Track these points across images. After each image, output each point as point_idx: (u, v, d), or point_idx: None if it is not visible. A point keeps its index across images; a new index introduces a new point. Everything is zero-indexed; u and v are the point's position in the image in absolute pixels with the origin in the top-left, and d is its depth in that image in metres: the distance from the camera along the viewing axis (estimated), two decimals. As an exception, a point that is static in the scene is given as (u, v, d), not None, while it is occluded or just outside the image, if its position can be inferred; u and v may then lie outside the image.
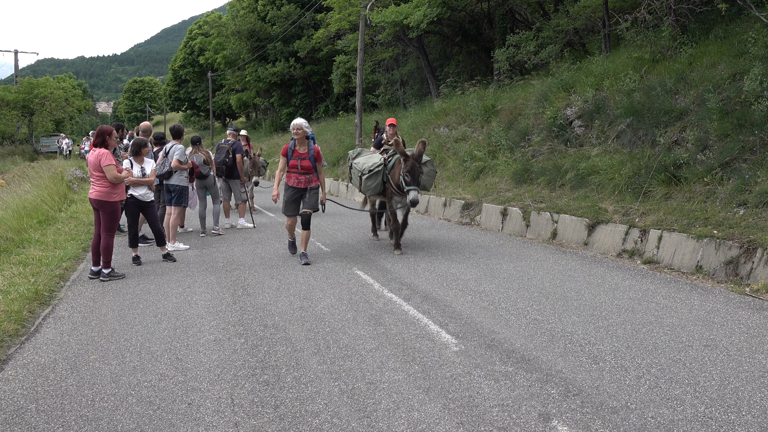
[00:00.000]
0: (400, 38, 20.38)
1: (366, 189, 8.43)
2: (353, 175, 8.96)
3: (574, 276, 6.68)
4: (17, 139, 41.41)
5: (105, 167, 6.77)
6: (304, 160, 7.54)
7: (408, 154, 7.69)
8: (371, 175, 8.28)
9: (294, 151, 7.55)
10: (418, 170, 7.65)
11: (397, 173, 7.98)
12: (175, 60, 62.50)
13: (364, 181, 8.32)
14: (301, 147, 7.57)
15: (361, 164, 8.63)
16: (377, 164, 8.34)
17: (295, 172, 7.56)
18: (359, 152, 9.33)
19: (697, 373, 3.93)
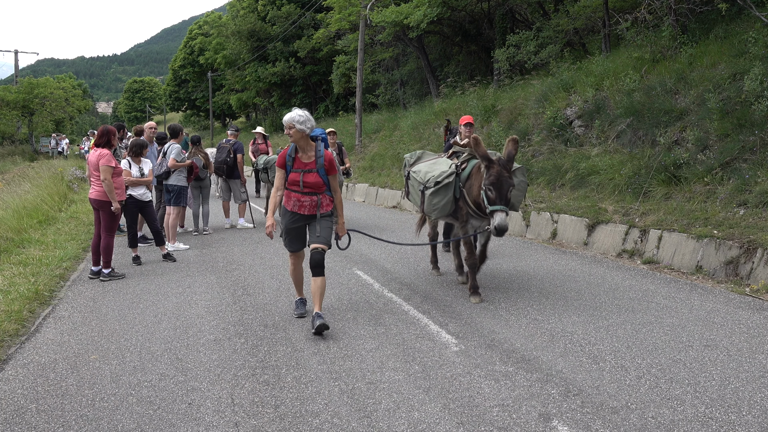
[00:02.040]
0: (400, 38, 20.38)
1: (431, 209, 5.95)
2: (411, 188, 6.63)
3: (574, 276, 6.68)
4: (17, 139, 41.39)
5: (102, 167, 6.77)
6: (309, 173, 4.89)
7: (492, 159, 5.31)
8: (439, 188, 5.83)
9: (295, 160, 4.94)
10: (508, 182, 5.17)
11: (476, 186, 5.56)
12: (175, 60, 62.50)
13: (428, 197, 5.91)
14: (304, 153, 4.92)
15: (423, 173, 6.21)
16: (446, 173, 5.87)
17: (296, 191, 4.94)
18: (419, 156, 6.89)
19: (697, 373, 3.93)
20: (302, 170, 4.89)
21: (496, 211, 5.15)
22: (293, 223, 5.04)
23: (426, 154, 6.94)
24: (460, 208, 5.86)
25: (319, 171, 4.89)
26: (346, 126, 24.19)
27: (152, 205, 8.07)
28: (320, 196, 4.95)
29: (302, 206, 4.95)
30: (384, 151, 17.99)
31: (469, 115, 7.68)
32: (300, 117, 4.78)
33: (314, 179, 4.89)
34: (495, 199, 5.17)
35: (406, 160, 7.01)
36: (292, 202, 4.99)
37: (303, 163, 4.92)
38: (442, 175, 5.91)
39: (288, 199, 5.02)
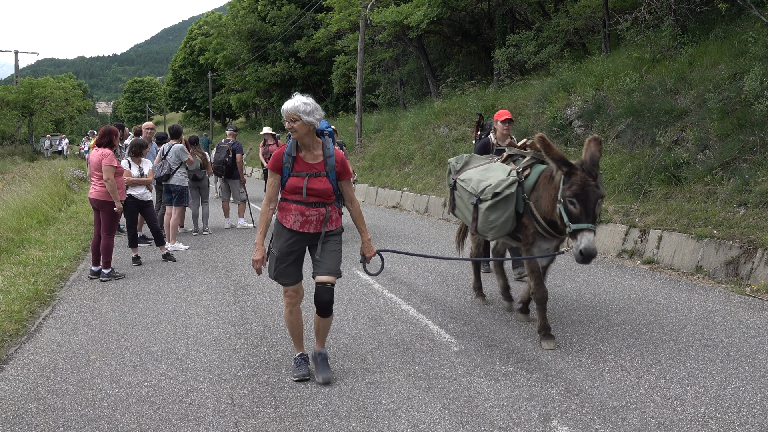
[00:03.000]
0: (400, 38, 20.37)
1: (487, 227, 4.77)
2: (459, 200, 5.29)
3: (574, 276, 6.68)
4: (17, 139, 41.40)
5: (104, 167, 6.76)
6: (316, 177, 3.78)
7: (572, 163, 4.19)
8: (498, 201, 4.66)
9: (296, 161, 3.80)
10: (595, 193, 4.08)
11: (546, 199, 4.44)
12: (175, 60, 62.50)
13: (483, 212, 4.76)
14: (308, 152, 3.81)
15: (475, 182, 4.98)
16: (507, 182, 4.69)
17: (298, 201, 3.79)
18: (467, 161, 5.55)
19: (697, 373, 3.93)
20: (306, 174, 3.73)
21: (580, 230, 4.03)
22: (292, 245, 3.80)
23: (474, 158, 5.58)
24: (525, 226, 4.68)
25: (328, 175, 3.76)
26: (346, 126, 24.19)
27: (152, 205, 8.07)
28: (329, 208, 3.79)
29: (307, 222, 3.75)
30: (384, 151, 18.00)
31: (506, 110, 6.57)
32: (306, 106, 3.61)
33: (323, 185, 3.74)
34: (579, 215, 4.07)
35: (452, 165, 5.58)
36: (292, 217, 3.76)
37: (307, 164, 3.75)
38: (501, 184, 4.68)
39: (285, 213, 3.79)
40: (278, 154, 3.82)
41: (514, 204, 4.66)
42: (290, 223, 3.79)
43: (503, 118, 6.38)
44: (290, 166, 3.77)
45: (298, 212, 3.76)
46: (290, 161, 3.77)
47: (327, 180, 3.78)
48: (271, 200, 3.89)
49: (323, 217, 3.79)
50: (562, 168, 4.17)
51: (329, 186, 3.78)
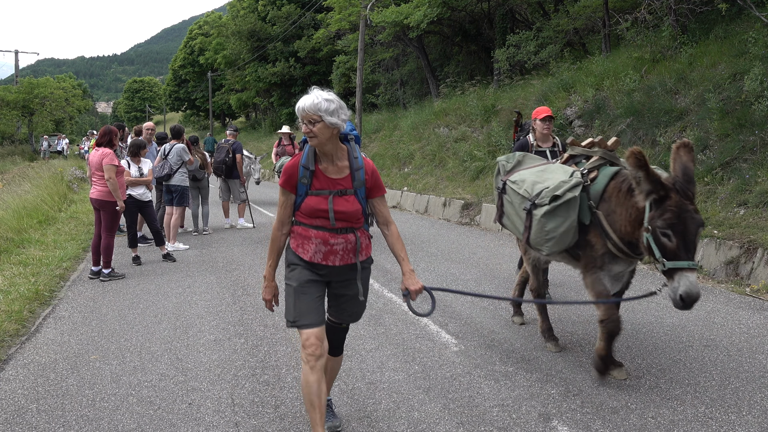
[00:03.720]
0: (400, 38, 20.37)
1: (543, 238, 3.95)
2: (509, 205, 4.48)
3: (573, 276, 6.68)
4: (17, 139, 41.41)
5: (106, 166, 6.77)
6: (342, 196, 2.97)
7: (665, 182, 3.30)
8: (558, 207, 3.84)
9: (315, 176, 2.98)
10: (695, 221, 3.26)
11: (624, 217, 3.59)
12: (175, 60, 62.50)
13: (539, 220, 3.93)
14: (330, 164, 2.98)
15: (528, 184, 4.23)
16: (569, 185, 3.87)
17: (321, 227, 2.97)
18: (519, 160, 4.75)
19: (697, 373, 3.93)
20: (330, 192, 2.90)
21: (678, 268, 3.19)
22: (311, 282, 2.97)
23: (529, 158, 4.77)
24: (590, 245, 3.81)
25: (356, 192, 2.94)
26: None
27: (152, 205, 8.07)
28: (359, 234, 2.97)
29: (332, 253, 2.93)
30: (384, 151, 18.00)
31: (546, 107, 5.88)
32: (329, 103, 2.79)
33: (350, 206, 2.91)
34: (677, 250, 3.20)
35: (501, 165, 4.78)
36: (312, 248, 2.93)
37: (330, 179, 2.92)
38: (561, 186, 3.87)
39: (303, 241, 2.96)
40: (291, 167, 2.93)
41: (576, 211, 3.81)
42: (310, 254, 2.92)
43: (542, 116, 5.65)
44: (308, 182, 2.90)
45: (320, 241, 2.90)
46: (308, 176, 2.89)
47: (355, 199, 2.92)
48: (283, 223, 3.00)
49: (353, 246, 2.95)
50: (659, 192, 3.26)
51: (358, 206, 2.92)
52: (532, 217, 4.04)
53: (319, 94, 2.82)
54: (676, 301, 3.28)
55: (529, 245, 4.19)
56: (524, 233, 4.17)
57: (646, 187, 3.29)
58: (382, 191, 3.05)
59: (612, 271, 3.81)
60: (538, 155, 5.29)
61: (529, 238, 4.10)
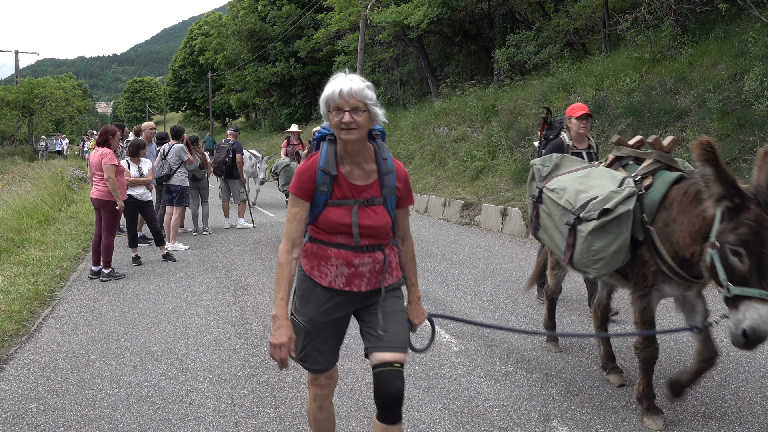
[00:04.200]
0: (400, 38, 20.38)
1: (590, 258, 3.36)
2: (546, 216, 3.86)
3: (573, 276, 6.67)
4: (17, 139, 41.42)
5: (105, 165, 6.77)
6: (370, 207, 2.40)
7: (742, 190, 2.67)
8: (609, 222, 3.26)
9: (336, 182, 2.39)
10: None
11: (686, 227, 3.01)
12: (175, 60, 62.51)
13: (585, 237, 3.34)
14: (355, 167, 2.41)
15: (571, 193, 3.60)
16: (622, 196, 3.28)
17: (342, 245, 2.40)
18: (558, 162, 4.13)
19: (697, 373, 3.93)
20: (355, 201, 2.37)
21: (748, 298, 2.62)
22: (330, 311, 2.46)
23: (567, 161, 4.12)
24: (642, 261, 3.26)
25: (386, 202, 2.41)
26: (346, 126, 24.20)
27: (152, 204, 8.07)
28: (387, 251, 2.46)
29: (357, 276, 2.40)
30: (384, 151, 18.00)
31: (582, 104, 5.25)
32: (372, 91, 2.31)
33: (379, 219, 2.39)
34: (748, 274, 2.63)
35: (536, 169, 4.16)
36: (332, 270, 2.41)
37: (354, 186, 2.38)
38: (612, 197, 3.26)
39: (320, 263, 2.43)
40: (306, 170, 2.37)
41: (630, 227, 3.21)
42: (329, 280, 2.40)
43: (579, 113, 4.98)
44: (328, 189, 2.34)
45: (343, 262, 2.37)
46: (327, 182, 2.34)
47: (384, 210, 2.39)
48: (294, 243, 2.38)
49: (380, 266, 2.42)
50: (734, 199, 2.64)
51: (387, 219, 2.40)
52: (577, 233, 3.38)
53: (357, 78, 2.30)
54: (736, 337, 2.64)
55: (573, 266, 3.53)
56: (566, 252, 3.50)
57: (716, 189, 2.67)
58: (411, 201, 2.53)
59: (663, 292, 3.31)
60: (575, 156, 4.67)
61: (573, 258, 3.44)
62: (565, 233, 3.53)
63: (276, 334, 2.34)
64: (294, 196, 2.38)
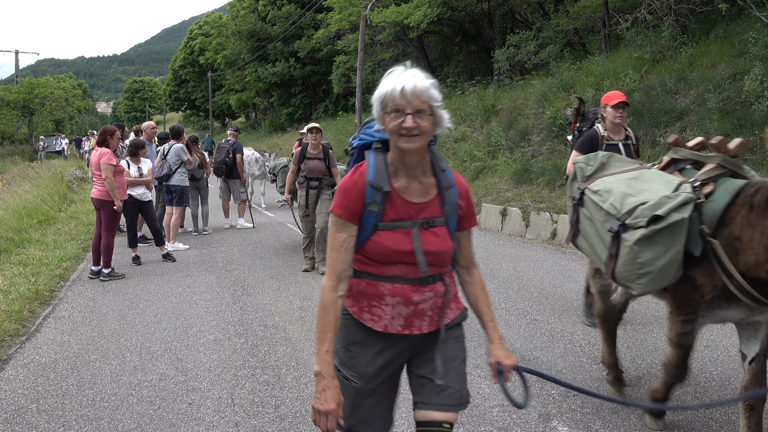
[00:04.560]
0: (400, 38, 20.39)
1: (634, 271, 2.91)
2: (587, 221, 3.40)
3: (573, 276, 6.68)
4: (17, 139, 41.44)
5: (103, 165, 6.78)
6: (430, 229, 1.97)
7: None
8: (660, 230, 2.81)
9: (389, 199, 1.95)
10: None
11: (758, 241, 2.61)
12: (175, 60, 62.53)
13: (630, 247, 2.88)
14: (412, 181, 1.98)
15: (617, 195, 3.14)
16: (676, 201, 2.84)
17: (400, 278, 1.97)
18: (604, 162, 3.61)
19: (697, 373, 3.93)
20: (413, 223, 1.97)
21: None
22: (386, 364, 2.07)
23: (615, 160, 3.60)
24: (695, 282, 2.86)
25: (447, 222, 2.02)
26: (346, 126, 24.21)
27: (152, 204, 8.07)
28: (447, 281, 2.10)
29: (417, 315, 2.01)
30: (384, 151, 18.01)
31: (618, 91, 4.81)
32: (437, 91, 1.96)
33: (442, 243, 2.00)
34: None
35: (579, 167, 3.62)
36: (387, 312, 2.00)
37: (410, 204, 1.98)
38: (665, 203, 2.83)
39: (369, 303, 2.01)
40: (352, 185, 1.94)
41: (684, 238, 2.80)
42: (384, 323, 1.98)
43: (615, 101, 4.54)
44: (379, 209, 1.93)
45: (400, 300, 1.96)
46: (379, 200, 1.92)
47: (446, 232, 2.00)
48: (340, 277, 1.93)
49: (442, 301, 2.04)
50: None
51: (450, 243, 2.02)
52: (621, 242, 2.94)
53: (420, 74, 1.91)
54: None
55: (615, 279, 3.06)
56: (608, 263, 3.06)
57: None
58: (474, 222, 2.12)
59: (721, 316, 2.89)
60: (610, 148, 4.48)
61: (615, 270, 3.00)
62: (608, 241, 3.06)
63: (320, 397, 1.87)
64: (338, 219, 1.94)
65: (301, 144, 11.18)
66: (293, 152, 10.76)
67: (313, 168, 6.93)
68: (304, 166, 6.97)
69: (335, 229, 1.96)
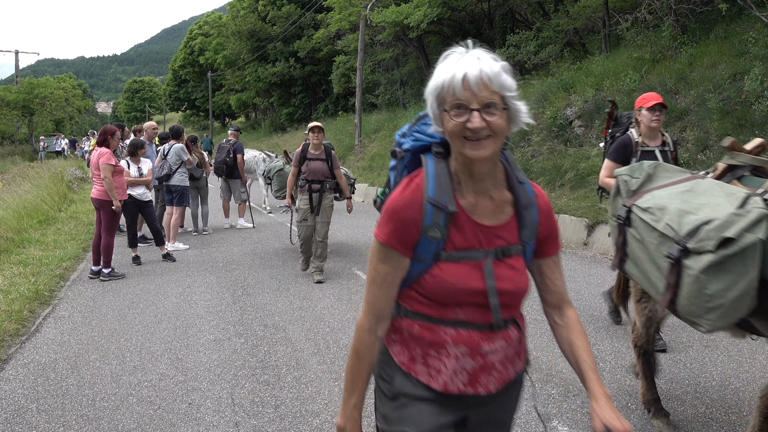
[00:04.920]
0: (400, 38, 20.39)
1: (702, 304, 2.36)
2: (636, 244, 2.83)
3: (574, 276, 6.68)
4: (17, 139, 41.45)
5: (102, 165, 6.79)
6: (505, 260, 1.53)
7: None
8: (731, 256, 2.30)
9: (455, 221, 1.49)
10: None
11: None
12: (175, 60, 62.57)
13: (697, 275, 2.34)
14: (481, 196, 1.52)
15: (674, 213, 2.57)
16: (748, 220, 2.33)
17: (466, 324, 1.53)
18: (651, 172, 3.01)
19: (697, 373, 3.93)
20: (485, 253, 1.52)
21: None
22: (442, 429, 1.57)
23: (662, 170, 3.04)
24: None
25: (525, 249, 1.60)
26: (346, 126, 24.21)
27: (152, 204, 8.08)
28: (521, 325, 1.70)
29: (485, 369, 1.57)
30: (383, 151, 18.00)
31: (655, 93, 4.34)
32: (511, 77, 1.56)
33: (520, 278, 1.58)
34: None
35: (622, 182, 3.07)
36: (449, 366, 1.54)
37: (483, 227, 1.53)
38: (733, 221, 2.37)
39: (425, 353, 1.56)
40: (406, 204, 1.51)
41: (759, 263, 2.36)
42: (443, 379, 1.56)
43: (650, 103, 4.13)
44: (442, 234, 1.50)
45: (466, 350, 1.54)
46: (442, 222, 1.50)
47: (524, 264, 1.62)
48: (380, 317, 1.58)
49: (514, 350, 1.66)
50: None
51: (527, 278, 1.62)
52: (683, 270, 2.44)
53: (486, 55, 1.51)
54: None
55: (676, 313, 2.57)
56: (666, 293, 2.54)
57: None
58: (558, 246, 1.67)
59: None
60: (645, 155, 4.14)
61: (678, 303, 2.48)
62: (665, 268, 2.54)
63: None
64: (384, 248, 1.51)
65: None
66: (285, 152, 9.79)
67: (315, 170, 6.49)
68: (305, 167, 6.51)
69: (378, 259, 1.53)
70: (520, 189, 1.56)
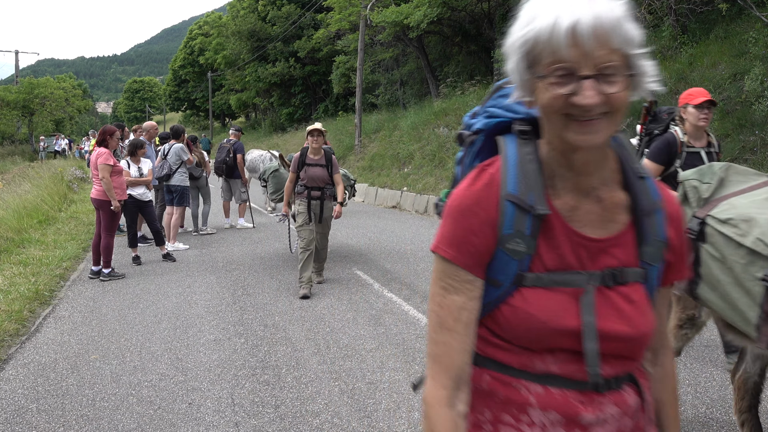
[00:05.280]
0: (400, 38, 20.39)
1: None
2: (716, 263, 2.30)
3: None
4: (17, 139, 41.46)
5: (100, 165, 6.79)
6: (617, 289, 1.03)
7: None
8: None
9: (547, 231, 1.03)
10: None
11: None
12: (175, 60, 62.57)
13: None
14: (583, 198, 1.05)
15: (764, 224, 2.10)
16: None
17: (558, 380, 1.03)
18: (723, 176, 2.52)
19: (697, 373, 3.93)
20: (588, 275, 1.03)
21: None
22: None
23: (735, 173, 2.55)
24: None
25: (647, 276, 1.07)
26: (346, 126, 24.21)
27: (152, 204, 8.08)
28: (642, 383, 1.13)
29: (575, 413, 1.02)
30: (384, 151, 18.01)
31: (702, 89, 4.00)
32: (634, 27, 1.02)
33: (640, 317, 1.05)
34: None
35: (690, 188, 2.59)
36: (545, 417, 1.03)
37: (585, 239, 1.05)
38: None
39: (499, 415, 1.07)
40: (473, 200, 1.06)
41: None
42: None
43: (699, 100, 3.77)
44: (528, 247, 1.04)
45: (558, 417, 1.04)
46: (528, 230, 1.04)
47: (645, 295, 1.08)
48: (460, 379, 1.06)
49: (633, 425, 1.10)
50: None
51: (650, 317, 1.08)
52: None
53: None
54: None
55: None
56: (764, 327, 2.10)
57: None
58: (686, 272, 1.18)
59: None
60: (691, 157, 3.78)
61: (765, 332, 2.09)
62: (758, 294, 2.10)
63: None
64: (448, 265, 1.07)
65: None
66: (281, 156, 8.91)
67: (314, 176, 6.02)
68: (304, 173, 6.04)
69: (442, 287, 1.07)
70: (641, 187, 1.07)
